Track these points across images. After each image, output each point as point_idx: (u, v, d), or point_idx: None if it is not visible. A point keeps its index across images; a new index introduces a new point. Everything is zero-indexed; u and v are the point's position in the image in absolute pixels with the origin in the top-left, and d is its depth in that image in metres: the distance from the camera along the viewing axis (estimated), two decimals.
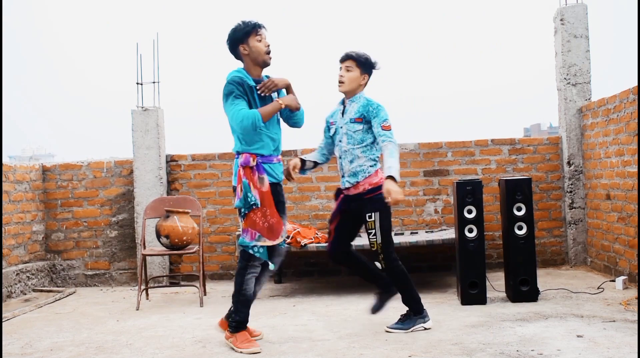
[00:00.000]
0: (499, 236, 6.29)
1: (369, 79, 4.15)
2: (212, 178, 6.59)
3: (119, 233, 6.61)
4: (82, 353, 3.94)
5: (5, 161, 6.17)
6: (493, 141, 6.50)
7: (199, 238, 5.57)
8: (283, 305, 5.13)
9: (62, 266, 6.60)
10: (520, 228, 4.84)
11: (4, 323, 4.86)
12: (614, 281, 5.26)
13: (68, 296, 6.05)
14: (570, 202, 6.32)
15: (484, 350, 3.59)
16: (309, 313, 4.78)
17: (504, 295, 5.01)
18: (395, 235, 6.06)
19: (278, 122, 3.97)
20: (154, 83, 6.52)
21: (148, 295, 5.71)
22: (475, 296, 4.78)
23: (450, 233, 5.62)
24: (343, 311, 4.80)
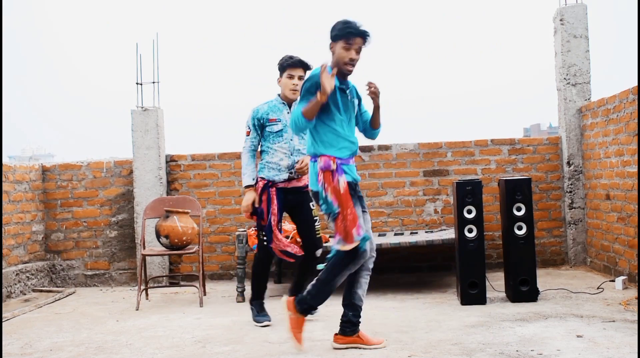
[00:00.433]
0: (499, 236, 6.29)
1: None
2: (212, 178, 6.59)
3: (119, 233, 6.61)
4: (81, 353, 3.94)
5: (5, 161, 6.16)
6: (493, 141, 6.51)
7: (199, 238, 5.58)
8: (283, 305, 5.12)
9: (61, 266, 6.60)
10: (520, 228, 4.84)
11: (4, 323, 4.86)
12: (614, 281, 5.26)
13: (68, 296, 6.05)
14: (570, 202, 6.32)
15: (484, 350, 3.59)
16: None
17: (504, 295, 5.01)
18: (395, 235, 6.06)
19: (355, 125, 3.89)
20: (154, 83, 6.52)
21: (148, 295, 5.71)
22: (475, 296, 4.79)
23: (450, 233, 5.62)
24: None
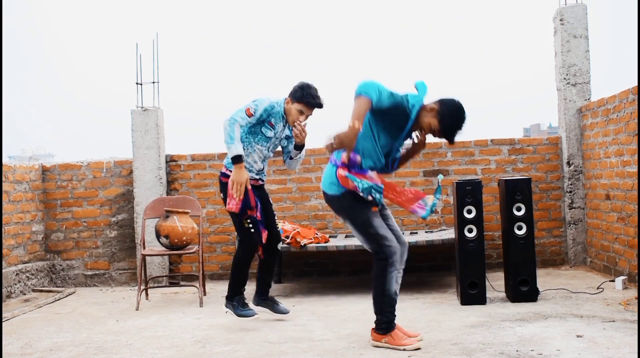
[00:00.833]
0: (499, 236, 6.29)
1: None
2: (211, 178, 6.59)
3: (119, 233, 6.61)
4: (81, 354, 3.94)
5: (5, 161, 6.17)
6: (493, 141, 6.51)
7: (199, 238, 5.58)
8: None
9: (61, 266, 6.60)
10: (520, 228, 4.84)
11: (4, 324, 4.86)
12: (614, 281, 5.26)
13: (68, 296, 6.05)
14: (570, 202, 6.32)
15: (484, 350, 3.59)
16: (309, 313, 4.78)
17: (504, 295, 5.01)
18: None
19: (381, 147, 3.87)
20: (154, 83, 6.52)
21: (148, 295, 5.71)
22: (475, 296, 4.79)
23: (450, 233, 5.62)
24: (343, 311, 4.80)
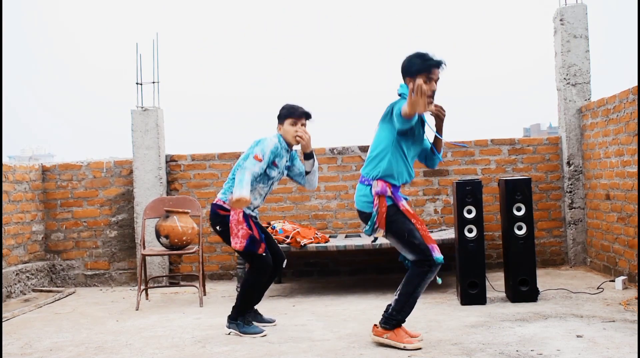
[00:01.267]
0: (499, 236, 6.29)
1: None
2: (211, 178, 6.59)
3: (119, 233, 6.61)
4: (81, 354, 3.94)
5: (5, 161, 6.17)
6: (493, 141, 6.50)
7: (199, 238, 5.58)
8: (283, 305, 5.13)
9: (61, 266, 6.60)
10: (520, 228, 4.84)
11: (4, 323, 4.86)
12: (614, 281, 5.27)
13: (67, 296, 6.05)
14: (570, 202, 6.32)
15: (484, 350, 3.59)
16: (309, 313, 4.78)
17: (504, 295, 5.01)
18: None
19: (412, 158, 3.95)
20: (154, 83, 6.52)
21: (148, 295, 5.71)
22: (475, 296, 4.79)
23: (450, 233, 5.62)
24: (343, 311, 4.80)
